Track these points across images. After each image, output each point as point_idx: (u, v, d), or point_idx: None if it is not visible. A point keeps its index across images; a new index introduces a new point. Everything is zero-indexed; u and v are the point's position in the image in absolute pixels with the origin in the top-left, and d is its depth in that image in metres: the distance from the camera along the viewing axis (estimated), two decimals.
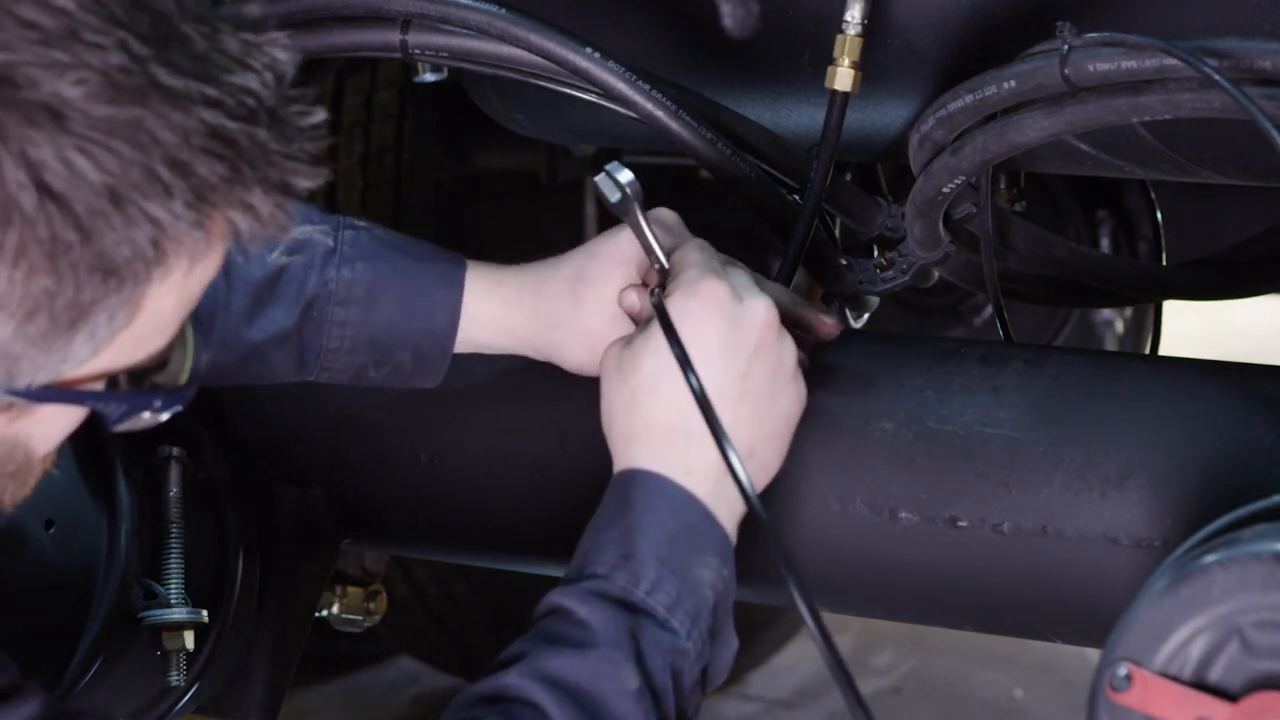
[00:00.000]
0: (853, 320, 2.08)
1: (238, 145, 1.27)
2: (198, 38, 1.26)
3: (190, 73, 1.25)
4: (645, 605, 1.58)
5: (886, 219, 1.98)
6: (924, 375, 1.82)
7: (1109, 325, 3.71)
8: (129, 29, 1.23)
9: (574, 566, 1.62)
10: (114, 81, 1.23)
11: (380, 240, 1.85)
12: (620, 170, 1.70)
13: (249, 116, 1.27)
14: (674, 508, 1.62)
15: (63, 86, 1.22)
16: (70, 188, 1.22)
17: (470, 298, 1.83)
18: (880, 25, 1.89)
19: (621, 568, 1.59)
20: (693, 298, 1.66)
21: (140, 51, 1.23)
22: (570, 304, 1.79)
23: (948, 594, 1.79)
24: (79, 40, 1.22)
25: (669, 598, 1.59)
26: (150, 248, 1.25)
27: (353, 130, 3.37)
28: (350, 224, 1.86)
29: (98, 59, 1.22)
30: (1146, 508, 1.70)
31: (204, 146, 1.25)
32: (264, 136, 1.28)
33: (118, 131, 1.23)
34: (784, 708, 4.02)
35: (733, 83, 2.04)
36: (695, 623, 1.60)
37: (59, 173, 1.22)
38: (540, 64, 1.93)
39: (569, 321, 1.79)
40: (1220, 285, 2.31)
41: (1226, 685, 1.40)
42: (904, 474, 1.77)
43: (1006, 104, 1.69)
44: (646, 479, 1.63)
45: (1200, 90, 1.58)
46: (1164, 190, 2.82)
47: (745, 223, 2.07)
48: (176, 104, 1.24)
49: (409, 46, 2.00)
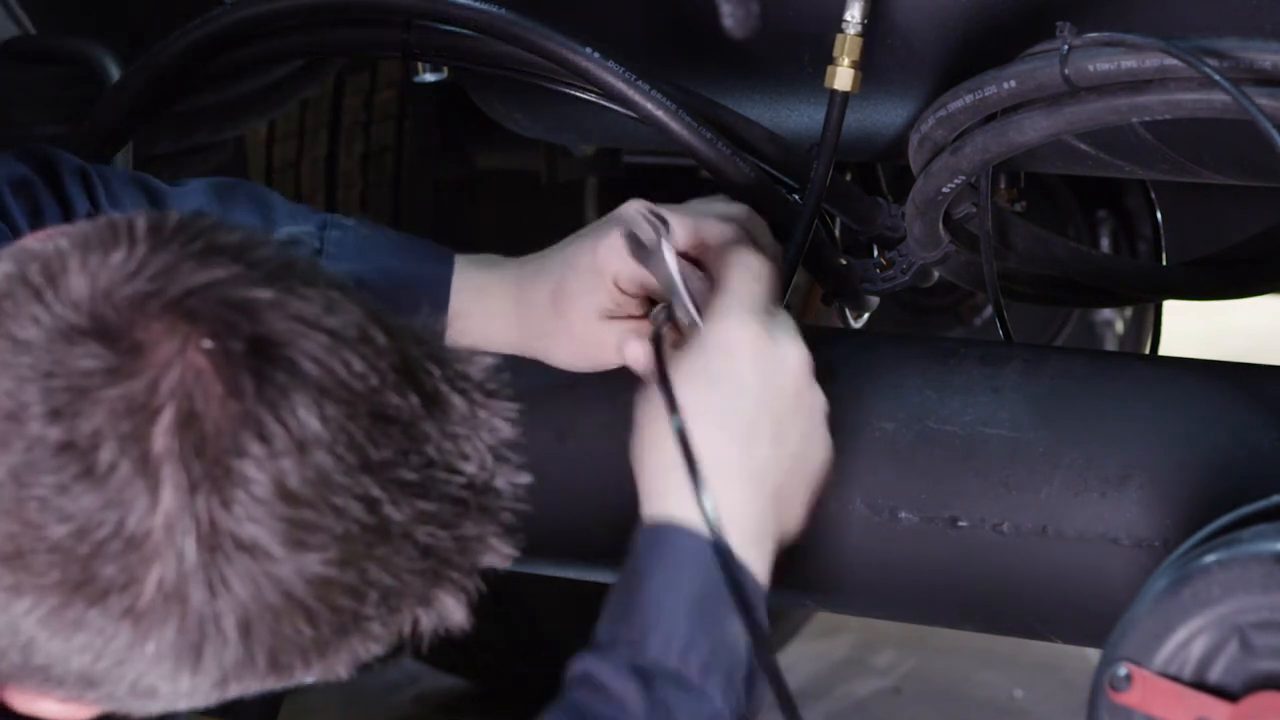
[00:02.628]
0: (853, 320, 2.08)
1: (441, 554, 1.26)
2: (432, 433, 1.25)
3: (417, 491, 1.24)
4: (679, 673, 1.51)
5: (886, 219, 1.97)
6: (924, 375, 1.82)
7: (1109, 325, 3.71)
8: (371, 471, 1.22)
9: (605, 628, 1.55)
10: (349, 544, 1.22)
11: (366, 240, 1.83)
12: (650, 215, 1.68)
13: (459, 517, 1.26)
14: (702, 562, 1.53)
15: (307, 562, 1.21)
16: (278, 641, 1.23)
17: (453, 303, 1.81)
18: (880, 25, 1.89)
19: (654, 630, 1.52)
20: (726, 329, 1.57)
21: (376, 495, 1.22)
22: (553, 316, 1.78)
23: (948, 594, 1.79)
24: (330, 507, 1.21)
25: (701, 660, 1.53)
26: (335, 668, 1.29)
27: (353, 130, 3.38)
28: (338, 223, 1.84)
29: (340, 526, 1.21)
30: (1146, 508, 1.70)
31: (413, 569, 1.25)
32: (470, 531, 1.27)
33: (338, 593, 1.23)
34: None
35: (733, 83, 2.04)
36: (730, 682, 1.56)
37: (269, 625, 1.22)
38: (540, 64, 1.93)
39: (553, 331, 1.78)
40: (1220, 285, 2.31)
41: (1226, 685, 1.40)
42: (904, 474, 1.77)
43: (1006, 104, 1.69)
44: (674, 534, 1.54)
45: (1200, 90, 1.58)
46: (1164, 190, 2.81)
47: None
48: (398, 544, 1.24)
49: (410, 46, 2.00)
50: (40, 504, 1.18)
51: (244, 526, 1.19)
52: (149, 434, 1.18)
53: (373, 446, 1.22)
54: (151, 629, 1.21)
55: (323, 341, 1.22)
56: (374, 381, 1.23)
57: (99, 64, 2.33)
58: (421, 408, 1.25)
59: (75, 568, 1.19)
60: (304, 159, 3.39)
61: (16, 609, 1.20)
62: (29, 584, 1.20)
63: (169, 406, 1.19)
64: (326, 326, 1.23)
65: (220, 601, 1.20)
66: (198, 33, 2.04)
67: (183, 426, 1.19)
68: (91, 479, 1.18)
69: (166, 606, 1.20)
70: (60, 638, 1.21)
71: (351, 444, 1.21)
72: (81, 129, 2.11)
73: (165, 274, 1.21)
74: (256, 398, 1.20)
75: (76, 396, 1.18)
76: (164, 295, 1.21)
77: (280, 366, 1.21)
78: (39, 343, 1.20)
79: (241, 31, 2.04)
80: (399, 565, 1.24)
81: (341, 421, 1.21)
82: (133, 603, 1.20)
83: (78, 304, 1.20)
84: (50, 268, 1.22)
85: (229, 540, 1.19)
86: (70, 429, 1.18)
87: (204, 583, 1.20)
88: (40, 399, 1.19)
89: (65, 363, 1.19)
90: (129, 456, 1.18)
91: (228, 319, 1.21)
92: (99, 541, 1.18)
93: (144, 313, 1.20)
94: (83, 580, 1.19)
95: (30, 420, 1.18)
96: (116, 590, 1.19)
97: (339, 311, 1.24)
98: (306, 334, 1.22)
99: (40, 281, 1.22)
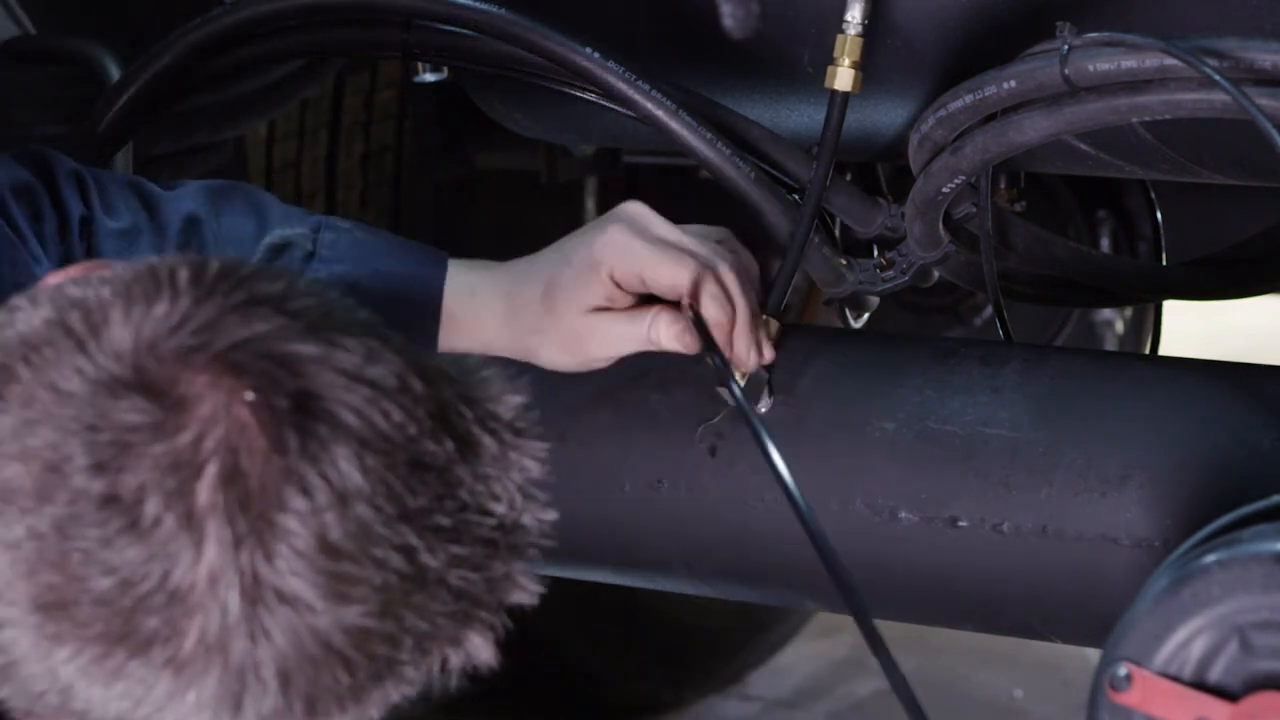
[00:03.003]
0: (853, 320, 2.08)
1: (472, 596, 1.26)
2: (465, 477, 1.25)
3: (451, 536, 1.24)
4: None
5: (886, 219, 1.97)
6: (924, 375, 1.82)
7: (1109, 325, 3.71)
8: (409, 520, 1.22)
9: None
10: (387, 595, 1.22)
11: (360, 243, 1.83)
12: None
13: (489, 558, 1.27)
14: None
15: (347, 614, 1.21)
16: (315, 690, 1.23)
17: (445, 305, 1.82)
18: (880, 25, 1.89)
19: None
20: None
21: (414, 543, 1.22)
22: (545, 313, 1.78)
23: (948, 594, 1.79)
24: (370, 559, 1.21)
25: None
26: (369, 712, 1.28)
27: (353, 130, 3.37)
28: (331, 225, 1.84)
29: (379, 578, 1.22)
30: (1146, 508, 1.70)
31: (444, 611, 1.25)
32: (498, 571, 1.28)
33: (375, 642, 1.23)
34: (784, 708, 4.03)
35: (733, 83, 2.04)
36: None
37: (308, 675, 1.22)
38: (540, 64, 1.93)
39: (545, 329, 1.79)
40: (1220, 285, 2.31)
41: (1226, 685, 1.40)
42: (904, 474, 1.77)
43: (1006, 104, 1.69)
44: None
45: (1200, 90, 1.58)
46: (1164, 190, 2.81)
47: (745, 223, 2.07)
48: (433, 590, 1.24)
49: (410, 46, 2.00)
50: (84, 556, 1.19)
51: (286, 580, 1.20)
52: (194, 489, 1.19)
53: (410, 495, 1.23)
54: (193, 679, 1.21)
55: (364, 394, 1.23)
56: (412, 431, 1.23)
57: (99, 64, 2.33)
58: (456, 452, 1.25)
59: (118, 620, 1.19)
60: (304, 159, 3.39)
61: (57, 656, 1.21)
62: (71, 634, 1.20)
63: (213, 462, 1.19)
64: (367, 378, 1.23)
65: (261, 652, 1.21)
66: (198, 33, 2.04)
67: (227, 482, 1.19)
68: (136, 532, 1.18)
69: (208, 657, 1.20)
70: (100, 685, 1.21)
71: (391, 494, 1.22)
72: (81, 129, 2.11)
73: (209, 328, 1.22)
74: (300, 453, 1.20)
75: (121, 451, 1.19)
76: (208, 349, 1.21)
77: (322, 420, 1.21)
78: (82, 395, 1.20)
79: (241, 31, 2.04)
80: (433, 610, 1.25)
81: (381, 473, 1.22)
82: (174, 653, 1.20)
83: (120, 356, 1.20)
84: (92, 318, 1.22)
85: (271, 593, 1.20)
86: (114, 483, 1.18)
87: (246, 634, 1.20)
88: (84, 452, 1.19)
89: (109, 416, 1.19)
90: (174, 511, 1.18)
91: (271, 374, 1.21)
92: (143, 594, 1.19)
93: (188, 366, 1.20)
94: (125, 632, 1.19)
95: (74, 473, 1.19)
96: (159, 642, 1.20)
97: (379, 361, 1.25)
98: (348, 387, 1.22)
99: (83, 331, 1.22)
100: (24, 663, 1.21)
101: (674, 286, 1.75)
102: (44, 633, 1.20)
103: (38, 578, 1.19)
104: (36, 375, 1.20)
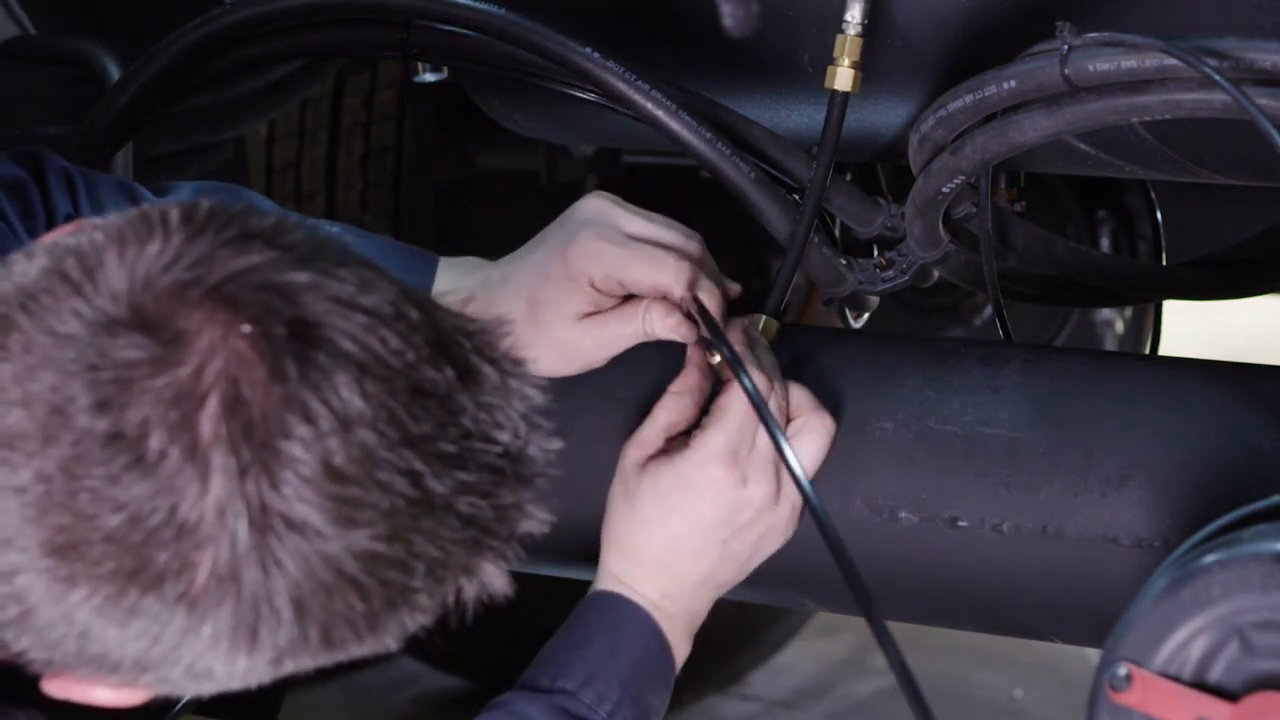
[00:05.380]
0: (853, 320, 2.08)
1: (482, 523, 1.27)
2: (467, 404, 1.26)
3: (456, 462, 1.25)
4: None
5: (886, 219, 1.97)
6: (924, 375, 1.82)
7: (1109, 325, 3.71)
8: (413, 446, 1.23)
9: (543, 673, 1.72)
10: (395, 519, 1.23)
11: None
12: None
13: (497, 486, 1.28)
14: (643, 634, 1.74)
15: (356, 538, 1.22)
16: (330, 618, 1.24)
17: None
18: (880, 25, 1.89)
19: (589, 687, 1.70)
20: (701, 471, 1.72)
21: (419, 469, 1.23)
22: (531, 323, 1.78)
23: (948, 594, 1.79)
24: (375, 483, 1.22)
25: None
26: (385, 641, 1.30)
27: (353, 130, 3.38)
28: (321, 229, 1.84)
29: (386, 502, 1.23)
30: (1146, 508, 1.70)
31: (456, 539, 1.26)
32: (507, 499, 1.29)
33: (386, 567, 1.24)
34: (784, 708, 4.03)
35: (733, 83, 2.04)
36: None
37: (322, 602, 1.23)
38: (540, 64, 1.93)
39: (532, 341, 1.77)
40: (1220, 285, 2.31)
41: (1226, 685, 1.40)
42: (904, 474, 1.77)
43: (1006, 104, 1.69)
44: (625, 605, 1.75)
45: (1200, 90, 1.58)
46: (1164, 190, 2.81)
47: (745, 222, 2.07)
48: (441, 516, 1.25)
49: (410, 46, 2.00)
50: (92, 495, 1.19)
51: (294, 506, 1.21)
52: (196, 421, 1.19)
53: (412, 421, 1.23)
54: (207, 612, 1.22)
55: (360, 320, 1.23)
56: (410, 357, 1.24)
57: (99, 64, 2.33)
58: (456, 380, 1.26)
59: (129, 556, 1.20)
60: (304, 159, 3.39)
61: (72, 599, 1.21)
62: (84, 574, 1.21)
63: (214, 393, 1.20)
64: (362, 305, 1.24)
65: (273, 581, 1.21)
66: (198, 33, 2.04)
67: (229, 412, 1.20)
68: (142, 468, 1.19)
69: (221, 589, 1.21)
70: (116, 625, 1.22)
71: (393, 419, 1.23)
72: (81, 129, 2.11)
73: (202, 262, 1.23)
74: (300, 379, 1.21)
75: (122, 387, 1.19)
76: (203, 283, 1.22)
77: (321, 347, 1.22)
78: (81, 336, 1.21)
79: (241, 31, 2.04)
80: (443, 536, 1.25)
81: (382, 398, 1.22)
82: (188, 588, 1.21)
83: (117, 296, 1.21)
84: (87, 261, 1.23)
85: (279, 520, 1.21)
86: (118, 420, 1.19)
87: (257, 564, 1.21)
88: (86, 391, 1.19)
89: (109, 354, 1.20)
90: (178, 444, 1.19)
91: (267, 303, 1.22)
92: (152, 529, 1.19)
93: (184, 301, 1.21)
94: (137, 568, 1.20)
95: (77, 414, 1.19)
96: (171, 576, 1.20)
97: (373, 290, 1.26)
98: (344, 314, 1.23)
99: (78, 276, 1.22)
100: (40, 609, 1.22)
101: (655, 287, 1.75)
102: (57, 576, 1.21)
103: (47, 520, 1.20)
104: (35, 322, 1.21)
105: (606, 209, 1.78)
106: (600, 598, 1.75)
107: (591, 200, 1.79)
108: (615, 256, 1.74)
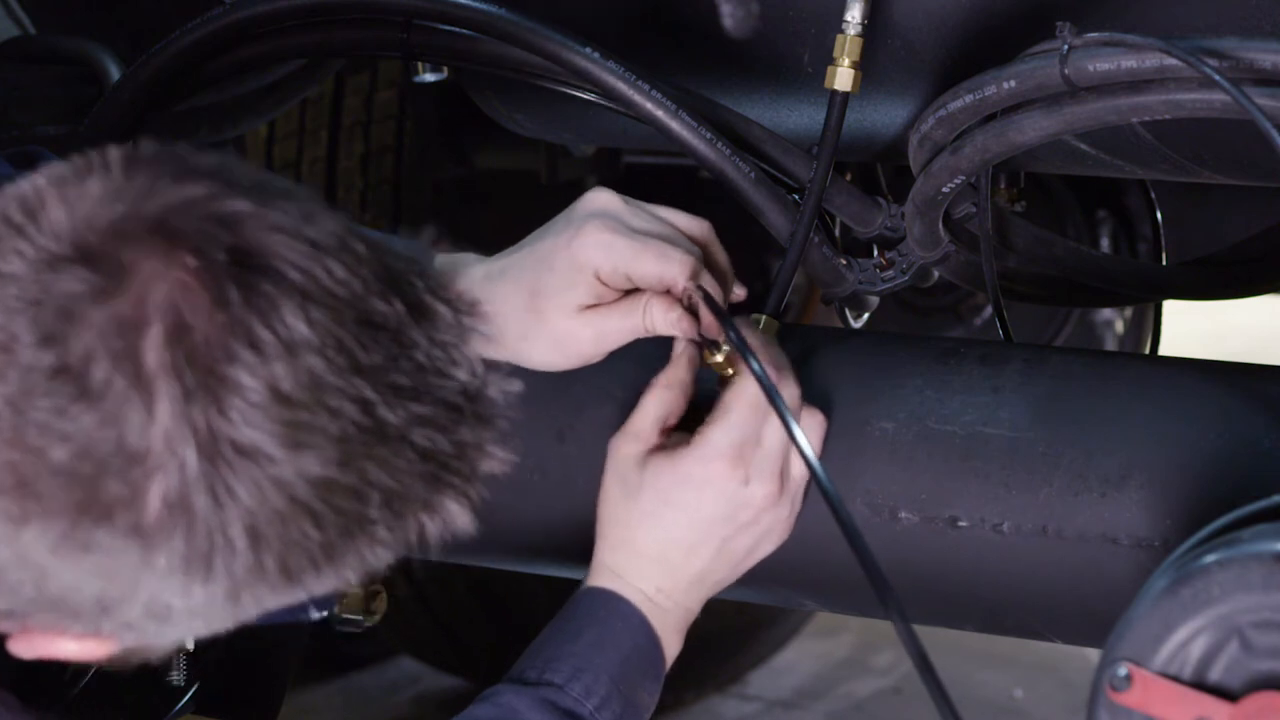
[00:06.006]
0: (853, 320, 2.08)
1: (440, 458, 1.28)
2: (420, 340, 1.27)
3: (410, 394, 1.25)
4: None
5: (886, 219, 1.97)
6: (924, 375, 1.82)
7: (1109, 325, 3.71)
8: (362, 374, 1.23)
9: (532, 665, 1.71)
10: (346, 445, 1.23)
11: None
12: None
13: (455, 423, 1.28)
14: (633, 630, 1.74)
15: (307, 462, 1.22)
16: (286, 547, 1.24)
17: None
18: (880, 25, 1.89)
19: (577, 680, 1.70)
20: (705, 466, 1.72)
21: (370, 396, 1.24)
22: (531, 317, 1.77)
23: (948, 594, 1.79)
24: (324, 408, 1.22)
25: (613, 717, 1.70)
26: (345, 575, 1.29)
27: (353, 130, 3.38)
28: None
29: (335, 427, 1.23)
30: (1146, 508, 1.70)
31: (413, 471, 1.26)
32: (467, 437, 1.29)
33: (340, 495, 1.24)
34: (784, 708, 4.03)
35: (733, 83, 2.04)
36: None
37: (276, 530, 1.23)
38: (540, 64, 1.93)
39: (531, 333, 1.78)
40: (1220, 285, 2.31)
41: (1226, 685, 1.40)
42: (904, 474, 1.77)
43: (1006, 104, 1.69)
44: (616, 600, 1.74)
45: (1200, 90, 1.58)
46: (1164, 190, 2.82)
47: (745, 223, 2.07)
48: (396, 447, 1.25)
49: (410, 46, 2.00)
50: (39, 429, 1.20)
51: (242, 431, 1.21)
52: (140, 349, 1.20)
53: (362, 350, 1.24)
54: (160, 542, 1.22)
55: (303, 250, 1.24)
56: (357, 288, 1.25)
57: (99, 64, 2.33)
58: (408, 315, 1.27)
59: (79, 488, 1.20)
60: (304, 159, 3.39)
61: (25, 538, 1.22)
62: (35, 510, 1.21)
63: (157, 321, 1.20)
64: (306, 236, 1.24)
65: (226, 509, 1.22)
66: (198, 33, 2.04)
67: (173, 339, 1.20)
68: (87, 399, 1.19)
69: (172, 518, 1.21)
70: (70, 562, 1.22)
71: (340, 347, 1.23)
72: (81, 129, 2.12)
73: (143, 196, 1.23)
74: (243, 306, 1.21)
75: (65, 320, 1.20)
76: (143, 216, 1.22)
77: (264, 275, 1.22)
78: (24, 274, 1.21)
79: (241, 31, 2.04)
80: (399, 467, 1.25)
81: (328, 325, 1.23)
82: (139, 518, 1.21)
83: (59, 234, 1.22)
84: (29, 204, 1.24)
85: (228, 446, 1.21)
86: (62, 352, 1.20)
87: (207, 490, 1.21)
88: (30, 327, 1.20)
89: (51, 289, 1.20)
90: (122, 373, 1.19)
91: (208, 232, 1.22)
92: (100, 459, 1.20)
93: (125, 234, 1.22)
94: (88, 500, 1.20)
95: (22, 349, 1.20)
96: (122, 506, 1.21)
97: (317, 221, 1.26)
98: (287, 243, 1.24)
99: (21, 219, 1.23)
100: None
101: (661, 281, 1.74)
102: (9, 515, 1.21)
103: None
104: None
105: (613, 203, 1.78)
106: (592, 592, 1.76)
107: (598, 194, 1.79)
108: (624, 249, 1.74)
